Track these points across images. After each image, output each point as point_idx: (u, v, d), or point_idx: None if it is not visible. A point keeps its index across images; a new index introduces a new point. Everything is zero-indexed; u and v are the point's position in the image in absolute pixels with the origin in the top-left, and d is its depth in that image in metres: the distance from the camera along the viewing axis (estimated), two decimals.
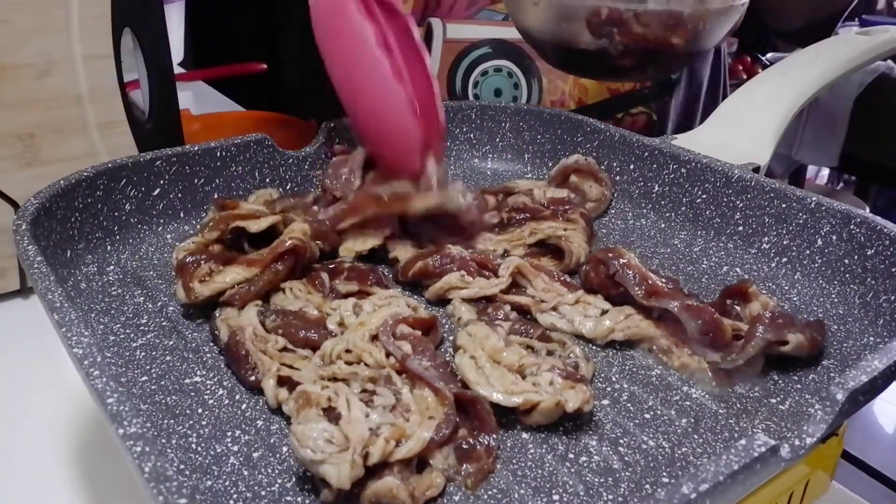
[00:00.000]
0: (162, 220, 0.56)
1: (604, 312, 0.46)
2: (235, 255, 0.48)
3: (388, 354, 0.39)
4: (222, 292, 0.45)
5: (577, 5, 0.63)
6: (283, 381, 0.39)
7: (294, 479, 0.35)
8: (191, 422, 0.38)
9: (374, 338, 0.41)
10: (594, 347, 0.45)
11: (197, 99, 1.15)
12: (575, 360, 0.41)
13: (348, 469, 0.31)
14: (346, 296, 0.47)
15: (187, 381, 0.41)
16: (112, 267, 0.51)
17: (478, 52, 0.83)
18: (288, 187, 0.62)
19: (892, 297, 0.46)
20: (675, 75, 0.86)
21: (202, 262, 0.46)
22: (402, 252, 0.52)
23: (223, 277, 0.45)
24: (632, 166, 0.61)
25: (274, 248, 0.46)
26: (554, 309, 0.46)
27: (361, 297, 0.46)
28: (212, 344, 0.44)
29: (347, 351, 0.40)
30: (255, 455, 0.36)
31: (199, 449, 0.36)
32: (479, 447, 0.35)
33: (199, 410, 0.39)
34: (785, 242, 0.52)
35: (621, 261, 0.46)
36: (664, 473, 0.36)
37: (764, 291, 0.50)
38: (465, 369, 0.39)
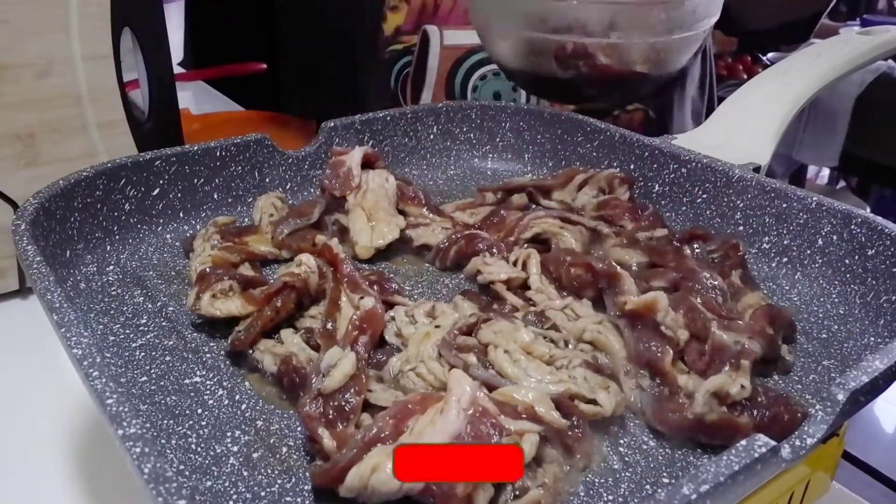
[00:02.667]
0: (161, 220, 0.55)
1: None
2: (255, 276, 0.48)
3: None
4: (223, 319, 0.44)
5: (545, 39, 0.64)
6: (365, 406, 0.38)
7: (294, 480, 0.35)
8: (190, 422, 0.38)
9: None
10: None
11: (197, 99, 1.16)
12: (592, 352, 0.42)
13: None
14: None
15: (187, 381, 0.41)
16: (111, 267, 0.51)
17: (476, 56, 0.83)
18: (288, 187, 0.61)
19: (893, 298, 0.46)
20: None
21: (224, 277, 0.45)
22: (431, 237, 0.53)
23: (228, 305, 0.44)
24: (632, 166, 0.61)
25: (268, 288, 0.45)
26: (541, 313, 0.46)
27: (387, 307, 0.45)
28: (211, 344, 0.44)
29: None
30: (255, 455, 0.36)
31: (199, 449, 0.36)
32: (578, 433, 0.36)
33: (199, 411, 0.39)
34: (785, 242, 0.52)
35: (615, 287, 0.45)
36: (664, 474, 0.36)
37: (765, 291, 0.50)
38: (503, 364, 0.39)
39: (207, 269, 0.46)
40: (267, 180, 0.61)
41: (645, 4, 0.63)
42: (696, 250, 0.50)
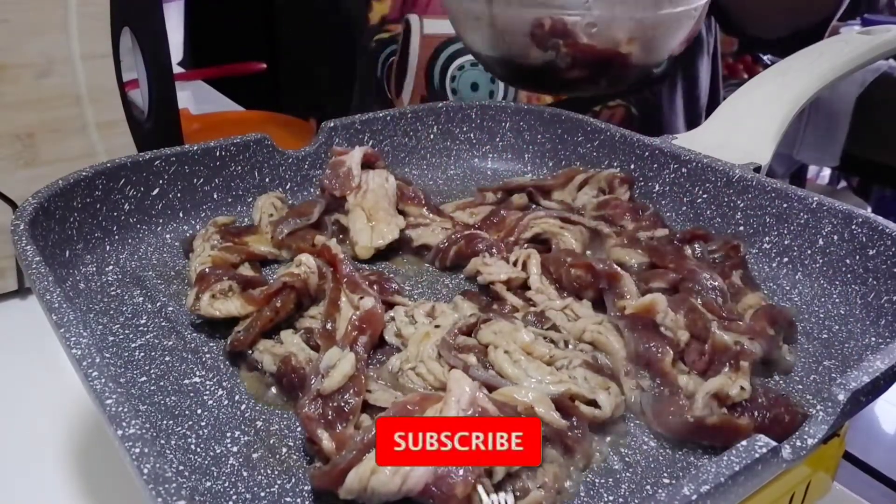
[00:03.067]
0: (161, 220, 0.55)
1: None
2: (255, 276, 0.48)
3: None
4: (223, 319, 0.44)
5: (521, 17, 0.61)
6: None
7: (293, 481, 0.35)
8: (190, 422, 0.38)
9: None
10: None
11: (196, 98, 1.16)
12: (592, 352, 0.42)
13: None
14: None
15: (186, 381, 0.41)
16: (111, 267, 0.51)
17: (454, 46, 0.83)
18: (288, 187, 0.61)
19: (894, 298, 0.46)
20: (658, 70, 0.85)
21: (223, 277, 0.45)
22: (431, 237, 0.53)
23: (227, 306, 0.44)
24: (632, 166, 0.61)
25: (267, 288, 0.44)
26: (541, 313, 0.46)
27: (387, 307, 0.45)
28: (211, 344, 0.44)
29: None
30: (255, 456, 0.36)
31: (199, 450, 0.36)
32: (578, 433, 0.36)
33: (199, 411, 0.39)
34: (786, 242, 0.52)
35: (616, 287, 0.45)
36: (665, 474, 0.36)
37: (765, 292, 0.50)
38: (503, 364, 0.39)
39: (207, 270, 0.46)
40: (267, 180, 0.60)
41: None
42: (698, 250, 0.50)
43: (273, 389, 0.41)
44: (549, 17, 0.60)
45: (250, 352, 0.42)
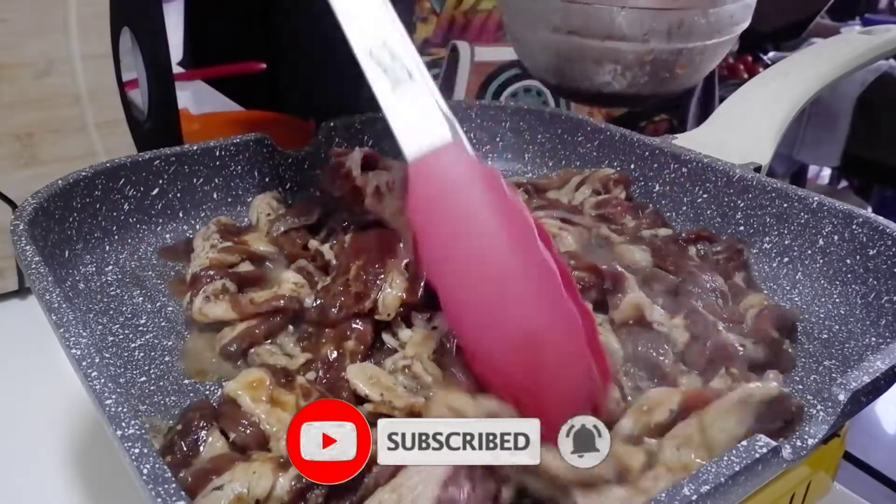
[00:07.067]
0: (161, 220, 0.55)
1: None
2: (253, 273, 0.48)
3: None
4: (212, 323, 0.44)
5: (583, 46, 0.66)
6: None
7: None
8: None
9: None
10: None
11: (196, 98, 1.15)
12: None
13: None
14: None
15: (186, 381, 0.41)
16: (111, 267, 0.51)
17: (507, 73, 0.84)
18: (287, 187, 0.61)
19: (894, 298, 0.46)
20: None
21: (217, 277, 0.45)
22: None
23: (215, 310, 0.44)
24: (632, 166, 0.61)
25: (261, 305, 0.44)
26: None
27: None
28: None
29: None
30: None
31: None
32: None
33: None
34: (786, 242, 0.52)
35: (620, 289, 0.44)
36: None
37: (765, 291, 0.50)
38: None
39: (200, 272, 0.46)
40: (266, 180, 0.60)
41: (686, 9, 0.64)
42: (701, 251, 0.50)
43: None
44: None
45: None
